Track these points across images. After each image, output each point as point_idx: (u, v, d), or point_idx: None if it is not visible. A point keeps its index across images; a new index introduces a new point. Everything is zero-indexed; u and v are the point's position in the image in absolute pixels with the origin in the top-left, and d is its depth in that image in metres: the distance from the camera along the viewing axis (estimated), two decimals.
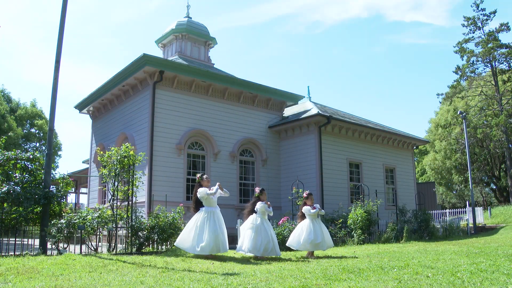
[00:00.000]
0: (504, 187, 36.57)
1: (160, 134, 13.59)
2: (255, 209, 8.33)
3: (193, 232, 7.80)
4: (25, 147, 35.57)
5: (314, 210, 8.67)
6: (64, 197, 9.60)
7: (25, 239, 8.86)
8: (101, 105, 17.14)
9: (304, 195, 9.06)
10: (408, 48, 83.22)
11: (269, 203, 8.42)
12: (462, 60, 31.02)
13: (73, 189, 21.68)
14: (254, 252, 7.99)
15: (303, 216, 8.94)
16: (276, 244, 8.25)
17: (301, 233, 8.65)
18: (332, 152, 16.02)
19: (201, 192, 8.02)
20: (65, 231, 8.63)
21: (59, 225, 8.58)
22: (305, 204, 8.90)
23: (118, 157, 9.26)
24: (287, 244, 8.89)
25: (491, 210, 26.02)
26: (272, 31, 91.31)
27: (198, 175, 8.42)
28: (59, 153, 38.89)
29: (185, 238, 7.89)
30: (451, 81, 45.49)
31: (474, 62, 30.28)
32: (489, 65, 30.12)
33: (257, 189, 8.66)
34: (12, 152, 8.93)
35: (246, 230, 8.23)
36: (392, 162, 18.95)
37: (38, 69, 77.75)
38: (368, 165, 17.58)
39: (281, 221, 11.42)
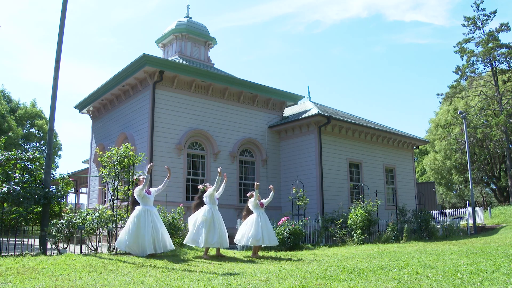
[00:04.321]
0: (504, 187, 36.56)
1: (160, 134, 13.59)
2: (204, 200, 8.48)
3: (126, 230, 7.86)
4: (25, 147, 35.54)
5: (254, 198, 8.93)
6: (64, 197, 9.59)
7: (25, 239, 8.85)
8: (101, 105, 17.15)
9: (248, 194, 9.37)
10: (408, 48, 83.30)
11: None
12: (462, 60, 31.03)
13: (73, 189, 21.65)
14: (207, 245, 8.13)
15: (248, 213, 9.17)
16: (226, 237, 8.34)
17: (246, 228, 8.88)
18: (332, 152, 16.02)
19: (136, 190, 8.07)
20: (65, 231, 8.63)
21: (59, 225, 8.58)
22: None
23: (118, 157, 9.27)
24: (234, 241, 9.02)
25: (491, 210, 26.00)
26: (272, 31, 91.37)
27: (135, 176, 8.50)
28: (59, 153, 38.88)
29: (123, 238, 7.87)
30: (451, 81, 45.57)
31: (474, 62, 30.26)
32: (489, 65, 30.10)
33: (200, 186, 8.94)
34: (12, 152, 8.92)
35: (199, 223, 8.28)
36: (392, 162, 18.95)
37: (38, 69, 77.84)
38: (368, 165, 17.58)
39: (281, 221, 11.42)
